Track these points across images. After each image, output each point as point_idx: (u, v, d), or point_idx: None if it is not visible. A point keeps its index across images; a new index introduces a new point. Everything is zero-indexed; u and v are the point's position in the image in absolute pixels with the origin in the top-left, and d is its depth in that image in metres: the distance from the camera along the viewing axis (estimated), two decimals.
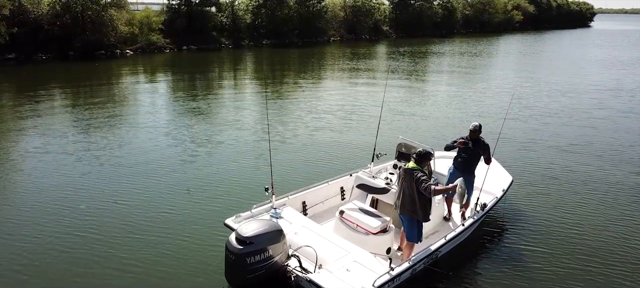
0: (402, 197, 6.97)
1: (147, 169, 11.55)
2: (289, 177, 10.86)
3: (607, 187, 11.09)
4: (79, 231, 8.42)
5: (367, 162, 9.40)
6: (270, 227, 6.39)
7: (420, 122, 16.79)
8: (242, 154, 12.84)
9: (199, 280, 7.12)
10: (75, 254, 7.70)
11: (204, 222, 8.85)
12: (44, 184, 10.48)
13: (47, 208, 9.31)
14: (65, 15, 31.66)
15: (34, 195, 9.90)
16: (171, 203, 9.66)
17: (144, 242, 8.13)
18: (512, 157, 12.90)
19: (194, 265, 7.47)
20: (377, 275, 6.24)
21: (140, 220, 8.91)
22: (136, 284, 7.02)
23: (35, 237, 8.23)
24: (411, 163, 6.92)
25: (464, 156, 8.37)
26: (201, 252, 7.85)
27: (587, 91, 23.78)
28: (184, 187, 10.47)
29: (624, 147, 14.32)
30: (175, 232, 8.47)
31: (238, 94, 22.20)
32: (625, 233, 8.90)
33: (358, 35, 53.84)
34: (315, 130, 15.32)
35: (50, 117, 16.38)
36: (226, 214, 7.70)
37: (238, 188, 10.47)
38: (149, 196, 9.98)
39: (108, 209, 9.30)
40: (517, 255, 8.06)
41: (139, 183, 10.68)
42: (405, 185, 6.90)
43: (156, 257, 7.67)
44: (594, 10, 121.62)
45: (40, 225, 8.62)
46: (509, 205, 9.83)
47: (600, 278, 7.44)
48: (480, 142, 8.34)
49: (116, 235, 8.33)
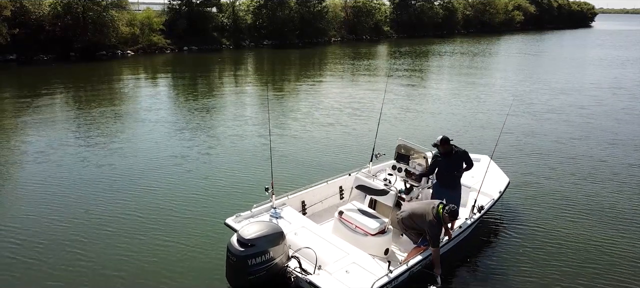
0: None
1: (148, 169, 11.63)
2: (288, 176, 10.94)
3: (606, 187, 11.15)
4: (79, 231, 8.48)
5: (366, 162, 9.47)
6: (271, 229, 6.47)
7: (420, 122, 16.85)
8: (243, 154, 12.93)
9: (199, 280, 7.18)
10: (76, 254, 7.77)
11: (204, 222, 8.92)
12: (45, 184, 10.54)
13: (48, 208, 9.37)
14: (67, 16, 31.73)
15: (35, 195, 9.95)
16: (172, 202, 9.73)
17: (144, 241, 8.19)
18: (510, 157, 12.99)
19: (195, 265, 7.53)
20: (375, 277, 6.32)
21: (141, 219, 8.97)
22: (136, 283, 7.08)
23: (36, 235, 8.28)
24: (440, 208, 7.07)
25: (445, 173, 8.05)
26: (201, 251, 7.91)
27: (587, 90, 23.83)
28: (184, 187, 10.55)
29: (623, 146, 14.37)
30: (176, 231, 8.54)
31: (239, 94, 22.28)
32: (623, 232, 8.95)
33: (359, 36, 53.92)
34: (314, 130, 15.41)
35: (51, 117, 16.46)
36: (226, 214, 7.78)
37: (238, 188, 10.55)
38: (149, 195, 10.05)
39: (108, 208, 9.37)
40: (514, 256, 8.11)
41: (139, 182, 10.76)
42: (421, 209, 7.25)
43: (156, 256, 7.74)
44: (595, 11, 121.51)
45: (41, 224, 8.67)
46: (506, 207, 9.88)
47: (598, 278, 7.49)
48: (455, 152, 8.01)
49: (116, 234, 8.40)
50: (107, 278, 7.19)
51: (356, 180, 8.61)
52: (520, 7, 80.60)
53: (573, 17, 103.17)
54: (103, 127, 15.25)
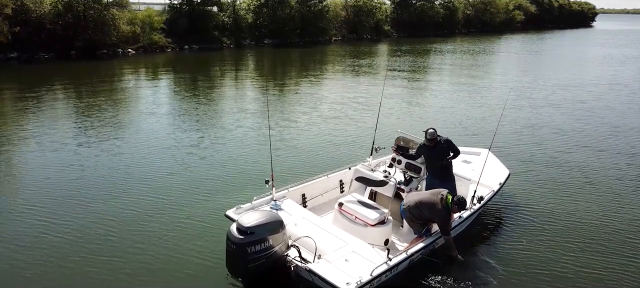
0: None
1: (149, 162, 11.68)
2: (289, 170, 10.97)
3: (606, 179, 11.20)
4: (81, 223, 8.52)
5: (366, 155, 9.50)
6: (270, 218, 6.48)
7: (420, 116, 16.89)
8: (243, 148, 12.99)
9: (199, 270, 7.21)
10: (77, 245, 7.80)
11: (205, 214, 8.95)
12: (48, 176, 10.59)
13: (49, 199, 9.41)
14: (67, 14, 31.75)
15: (38, 188, 10.00)
16: (173, 195, 9.77)
17: (145, 233, 8.23)
18: (510, 149, 13.03)
19: (195, 256, 7.57)
20: (374, 265, 6.34)
21: (142, 211, 9.01)
22: (136, 274, 7.12)
23: (37, 227, 8.34)
24: (448, 198, 7.19)
25: (433, 162, 8.20)
26: (202, 242, 7.95)
27: (586, 86, 23.88)
28: (185, 180, 10.59)
29: (623, 137, 14.43)
30: (177, 223, 8.58)
31: (239, 90, 22.34)
32: (623, 224, 8.98)
33: (359, 35, 53.90)
34: (315, 125, 15.47)
35: (52, 112, 16.50)
36: (227, 206, 7.81)
37: (239, 181, 10.60)
38: (150, 188, 10.09)
39: (110, 200, 9.41)
40: (514, 246, 8.14)
41: (140, 175, 10.81)
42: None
43: (157, 248, 7.77)
44: (596, 11, 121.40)
45: (44, 215, 8.73)
46: (506, 198, 9.91)
47: (598, 270, 7.51)
48: (441, 141, 8.16)
49: (118, 225, 8.44)
50: (109, 267, 7.23)
51: (356, 172, 8.64)
52: (520, 6, 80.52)
53: (574, 17, 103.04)
54: (104, 123, 15.28)
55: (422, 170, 8.60)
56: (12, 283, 6.91)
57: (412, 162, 8.71)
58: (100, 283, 6.88)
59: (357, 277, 6.12)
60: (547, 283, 7.14)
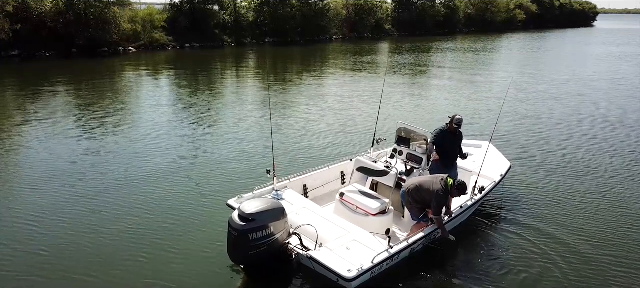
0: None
1: (152, 154, 11.72)
2: (290, 161, 11.02)
3: (607, 171, 11.20)
4: (84, 215, 8.53)
5: (367, 147, 9.50)
6: (272, 205, 6.47)
7: (420, 109, 16.94)
8: (245, 139, 13.08)
9: (202, 259, 7.22)
10: (80, 237, 7.81)
11: (207, 203, 8.98)
12: (49, 170, 10.59)
13: (51, 193, 9.43)
14: (69, 12, 31.79)
15: (40, 184, 10.00)
16: (175, 186, 9.80)
17: (147, 223, 8.24)
18: (511, 142, 13.03)
19: (197, 245, 7.58)
20: (376, 253, 6.35)
21: (145, 202, 9.01)
22: (138, 263, 7.12)
23: (37, 227, 8.33)
24: (449, 181, 7.16)
25: (449, 150, 8.31)
26: (204, 232, 7.97)
27: (586, 80, 23.89)
28: (187, 170, 10.62)
29: (623, 131, 14.42)
30: (179, 213, 8.59)
31: (241, 84, 22.40)
32: (624, 215, 8.98)
33: (360, 34, 53.89)
34: (316, 117, 15.53)
35: (53, 109, 16.53)
36: (229, 196, 7.82)
37: (241, 172, 10.63)
38: (153, 179, 10.11)
39: (112, 191, 9.42)
40: (514, 236, 8.13)
41: (143, 166, 10.84)
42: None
43: (159, 237, 7.78)
44: (597, 10, 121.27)
45: (44, 211, 8.73)
46: (507, 190, 9.89)
47: (598, 263, 7.49)
48: (459, 132, 8.44)
49: (120, 215, 8.45)
50: (112, 256, 7.24)
51: (357, 163, 8.63)
52: (521, 6, 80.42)
53: (575, 16, 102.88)
54: (105, 115, 15.29)
55: (423, 161, 8.60)
56: (13, 282, 6.78)
57: (413, 153, 8.72)
58: (102, 272, 6.88)
59: (358, 264, 6.12)
60: (548, 271, 7.13)
